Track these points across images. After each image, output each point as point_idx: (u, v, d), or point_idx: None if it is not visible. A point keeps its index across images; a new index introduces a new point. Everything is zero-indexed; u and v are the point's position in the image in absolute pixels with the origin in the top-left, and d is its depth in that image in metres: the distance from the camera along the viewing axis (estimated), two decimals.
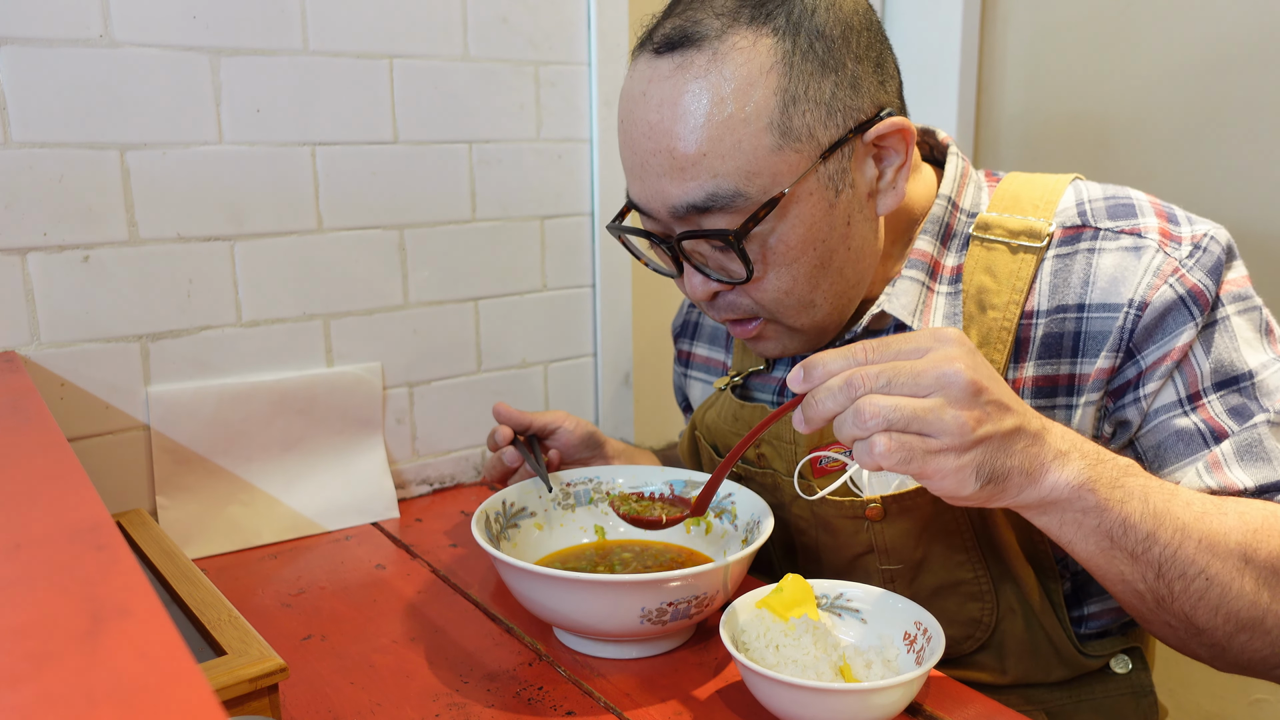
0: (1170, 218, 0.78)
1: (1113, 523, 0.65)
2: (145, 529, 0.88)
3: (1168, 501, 0.66)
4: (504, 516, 0.87)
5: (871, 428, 0.60)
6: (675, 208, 0.76)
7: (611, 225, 0.85)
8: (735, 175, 0.73)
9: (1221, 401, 0.74)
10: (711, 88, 0.72)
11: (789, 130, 0.73)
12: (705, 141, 0.73)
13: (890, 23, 1.67)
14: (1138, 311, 0.74)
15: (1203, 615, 0.67)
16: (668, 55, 0.75)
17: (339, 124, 1.06)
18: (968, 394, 0.60)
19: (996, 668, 0.83)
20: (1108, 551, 0.66)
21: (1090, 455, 0.65)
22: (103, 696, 0.31)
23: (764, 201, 0.74)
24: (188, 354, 1.01)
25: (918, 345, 0.62)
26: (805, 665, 0.65)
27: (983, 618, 0.82)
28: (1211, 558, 0.66)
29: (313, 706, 0.71)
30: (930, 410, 0.60)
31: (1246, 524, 0.67)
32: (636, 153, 0.77)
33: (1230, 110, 1.32)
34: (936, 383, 0.60)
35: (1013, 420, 0.62)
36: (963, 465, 0.61)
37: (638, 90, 0.76)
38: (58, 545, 0.44)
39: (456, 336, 1.20)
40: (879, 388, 0.61)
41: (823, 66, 0.74)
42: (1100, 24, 1.45)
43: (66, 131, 0.91)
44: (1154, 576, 0.66)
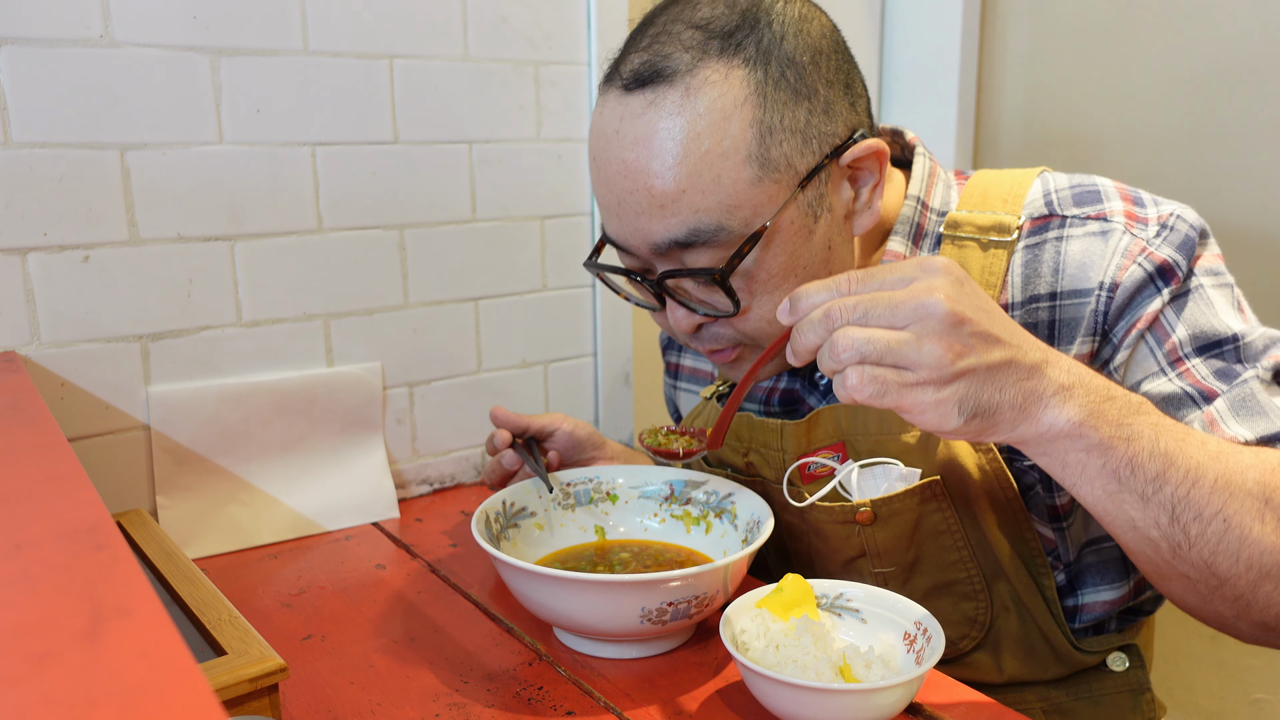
0: (1136, 200, 0.78)
1: (1119, 462, 0.61)
2: (145, 529, 0.88)
3: (1180, 441, 0.62)
4: (504, 516, 0.87)
5: (845, 360, 0.58)
6: (657, 244, 0.75)
7: (589, 263, 0.84)
8: (717, 210, 0.72)
9: (1206, 365, 0.72)
10: (687, 124, 0.71)
11: (767, 161, 0.72)
12: (684, 178, 0.72)
13: (890, 23, 1.67)
14: (1109, 294, 0.74)
15: (1223, 562, 0.63)
16: (638, 92, 0.73)
17: (339, 124, 1.06)
18: (946, 325, 0.57)
19: (993, 666, 0.84)
20: (1115, 495, 0.63)
21: (1098, 391, 0.62)
22: (103, 696, 0.31)
23: (747, 235, 0.73)
24: (188, 354, 1.01)
25: (902, 275, 0.60)
26: (805, 665, 0.65)
27: (977, 617, 0.82)
28: (1229, 498, 0.62)
29: (313, 706, 0.71)
30: (905, 342, 0.57)
31: (1264, 463, 0.64)
32: (613, 191, 0.76)
33: (1229, 111, 1.32)
34: (914, 314, 0.58)
35: (1002, 353, 0.59)
36: (943, 399, 0.58)
37: (610, 128, 0.75)
38: (58, 545, 0.44)
39: (456, 336, 1.20)
40: (855, 319, 0.59)
41: (795, 94, 0.73)
42: (1100, 25, 1.45)
43: (66, 131, 0.91)
44: (1167, 520, 0.62)
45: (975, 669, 0.84)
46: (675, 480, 0.93)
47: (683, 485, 0.92)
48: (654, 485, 0.93)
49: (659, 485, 0.93)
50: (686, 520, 0.91)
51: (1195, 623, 1.44)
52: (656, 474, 0.94)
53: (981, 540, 0.80)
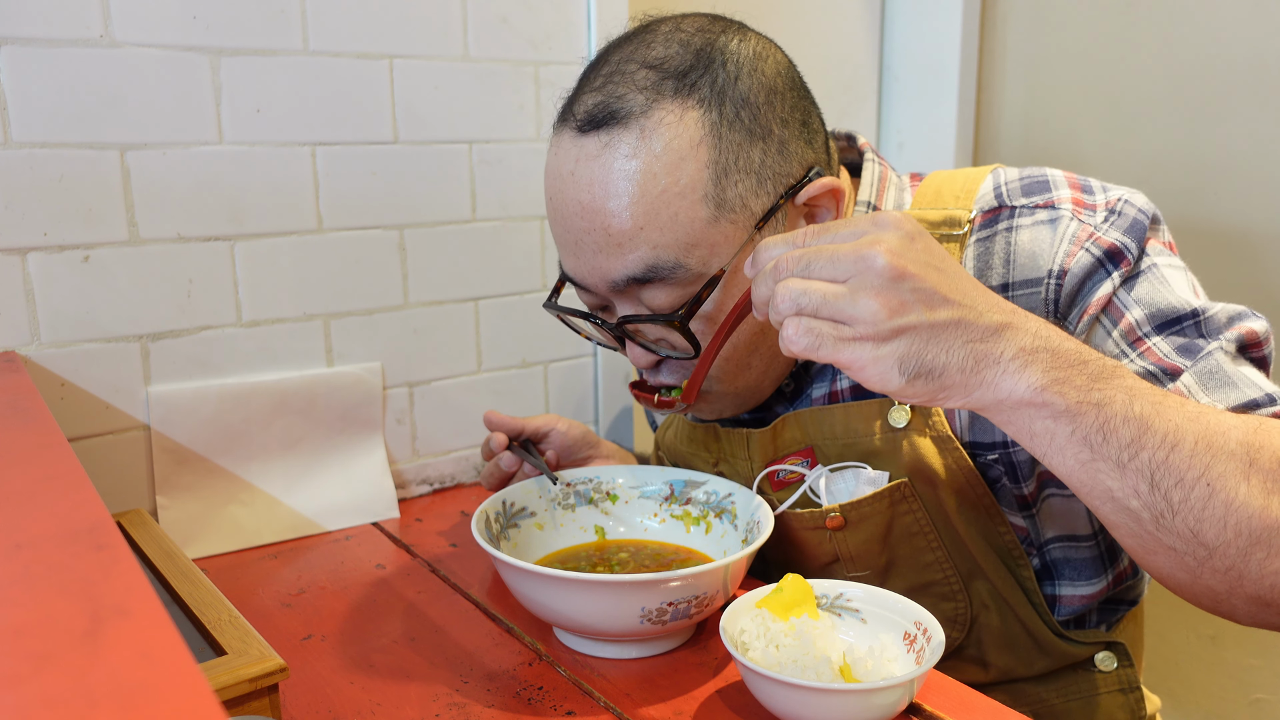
0: (1084, 188, 0.79)
1: (1089, 429, 0.58)
2: (145, 529, 0.88)
3: (1157, 404, 0.59)
4: (504, 516, 0.87)
5: (783, 311, 0.58)
6: (615, 282, 0.75)
7: (548, 304, 0.84)
8: (674, 247, 0.73)
9: (1167, 342, 0.71)
10: (643, 165, 0.72)
11: (723, 202, 0.73)
12: (641, 215, 0.72)
13: (890, 23, 1.67)
14: (1057, 281, 0.74)
15: (1210, 529, 0.58)
16: (593, 134, 0.73)
17: (339, 124, 1.06)
18: (885, 279, 0.55)
19: (978, 665, 0.84)
20: (1089, 464, 0.59)
21: (1066, 355, 0.58)
22: (103, 696, 0.31)
23: (705, 274, 0.74)
24: (188, 354, 1.01)
25: (855, 229, 0.59)
26: (805, 665, 0.65)
27: (957, 616, 0.82)
28: (1211, 460, 0.58)
29: (313, 706, 0.71)
30: (840, 295, 0.56)
31: (1245, 423, 0.60)
32: (570, 231, 0.76)
33: (1229, 110, 1.32)
34: (853, 266, 0.56)
35: (949, 311, 0.56)
36: (881, 356, 0.56)
37: (565, 169, 0.75)
38: (58, 545, 0.44)
39: (456, 336, 1.20)
40: (799, 271, 0.58)
41: (750, 135, 0.73)
42: (1100, 24, 1.45)
43: (66, 131, 0.91)
44: (1147, 488, 0.58)
45: (961, 669, 0.84)
46: (675, 480, 0.93)
47: (683, 485, 0.92)
48: (654, 485, 0.93)
49: (659, 485, 0.93)
50: (686, 520, 0.91)
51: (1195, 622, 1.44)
52: (656, 474, 0.94)
53: (955, 539, 0.80)
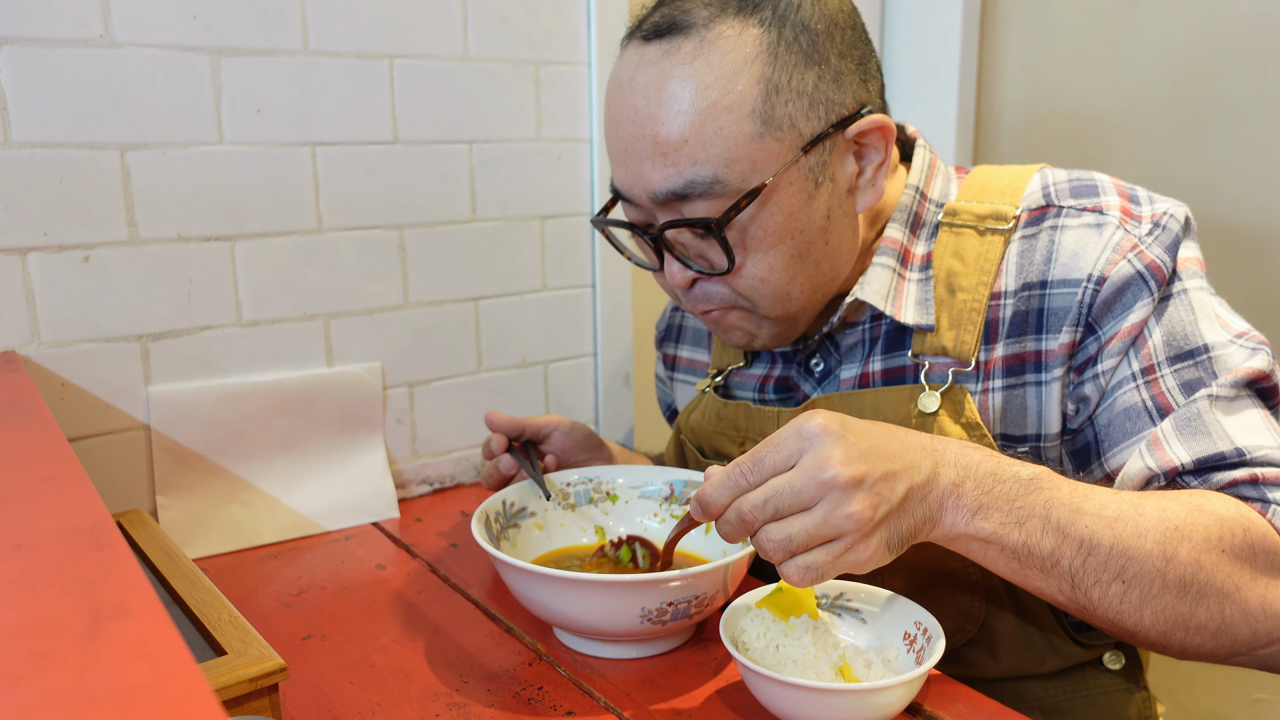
0: (1132, 197, 0.79)
1: (1015, 546, 0.64)
2: (145, 529, 0.88)
3: (1074, 512, 0.65)
4: (504, 516, 0.87)
5: (778, 559, 0.61)
6: (656, 193, 0.76)
7: (595, 218, 0.86)
8: (715, 162, 0.74)
9: (1175, 375, 0.73)
10: (696, 74, 0.74)
11: (770, 119, 0.74)
12: (688, 128, 0.74)
13: (890, 23, 1.67)
14: (1096, 286, 0.75)
15: (1128, 619, 0.66)
16: (655, 42, 0.76)
17: (339, 124, 1.06)
18: (850, 489, 0.59)
19: (989, 660, 0.84)
20: (1018, 571, 0.66)
21: (985, 479, 0.64)
22: (103, 696, 0.31)
23: (745, 190, 0.75)
24: (188, 354, 1.01)
25: (788, 452, 0.61)
26: (805, 665, 0.65)
27: (972, 609, 0.82)
28: (1126, 563, 0.65)
29: (313, 706, 0.71)
30: (821, 524, 0.60)
31: (1166, 522, 0.66)
32: (621, 138, 0.78)
33: (1228, 109, 1.32)
34: (818, 492, 0.60)
35: (902, 485, 0.61)
36: (872, 546, 0.61)
37: (625, 76, 0.78)
38: (58, 545, 0.44)
39: (456, 336, 1.20)
40: (768, 517, 0.61)
41: (806, 59, 0.75)
42: (1099, 23, 1.45)
43: (66, 131, 0.91)
44: (1069, 587, 0.66)
45: (971, 664, 0.84)
46: (675, 480, 0.93)
47: (683, 485, 0.92)
48: (654, 485, 0.93)
49: (659, 485, 0.93)
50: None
51: None
52: (656, 474, 0.94)
53: None
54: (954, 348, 0.79)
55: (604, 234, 0.87)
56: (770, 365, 0.93)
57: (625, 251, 0.88)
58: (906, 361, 0.82)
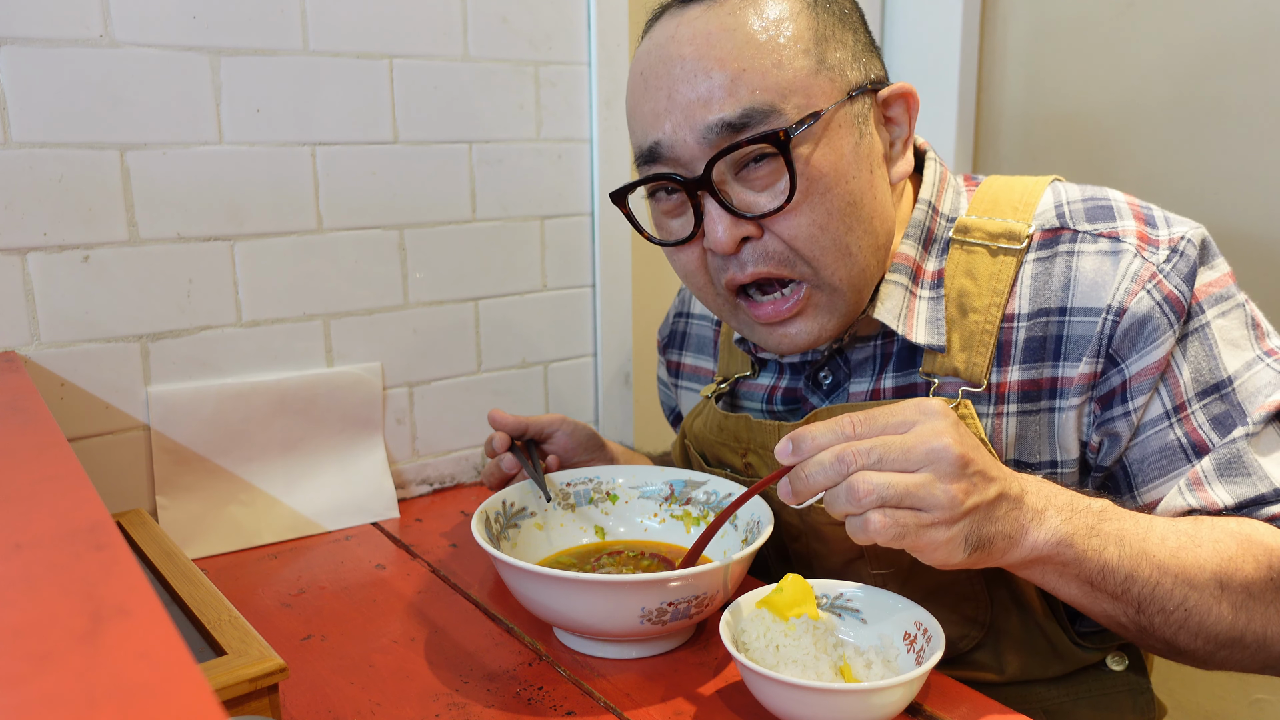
0: (1148, 220, 0.78)
1: (1091, 570, 0.67)
2: (145, 529, 0.88)
3: (1143, 541, 0.68)
4: (504, 516, 0.87)
5: (866, 504, 0.61)
6: (710, 126, 0.73)
7: (616, 191, 0.82)
8: (772, 91, 0.73)
9: (1205, 411, 0.74)
10: (748, 18, 0.74)
11: (824, 59, 0.75)
12: (746, 58, 0.74)
13: (890, 23, 1.67)
14: (1115, 317, 0.74)
15: (1183, 639, 0.70)
16: (695, 4, 0.76)
17: (339, 124, 1.06)
18: (956, 468, 0.61)
19: (994, 666, 0.84)
20: (1089, 594, 0.69)
21: (1066, 509, 0.67)
22: (103, 696, 0.31)
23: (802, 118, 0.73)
24: (188, 354, 1.01)
25: (904, 419, 0.63)
26: (805, 665, 0.65)
27: (977, 617, 0.82)
28: (1189, 590, 0.68)
29: (313, 706, 0.71)
30: (922, 486, 0.61)
31: (1220, 553, 0.69)
32: (664, 89, 0.75)
33: (1228, 110, 1.32)
34: (926, 458, 0.61)
35: (996, 488, 0.63)
36: (952, 537, 0.62)
37: (665, 36, 0.77)
38: (58, 545, 0.44)
39: (456, 336, 1.20)
40: (870, 464, 0.62)
41: (842, 21, 0.77)
42: (1100, 24, 1.45)
43: (66, 131, 0.91)
44: (1135, 612, 0.69)
45: (976, 669, 0.84)
46: (675, 480, 0.93)
47: (683, 485, 0.92)
48: (654, 485, 0.93)
49: (659, 485, 0.93)
50: (686, 520, 0.91)
51: None
52: (656, 474, 0.94)
53: None
54: (965, 369, 0.78)
55: (623, 209, 0.83)
56: (778, 376, 0.93)
57: (645, 231, 0.83)
58: (918, 379, 0.82)
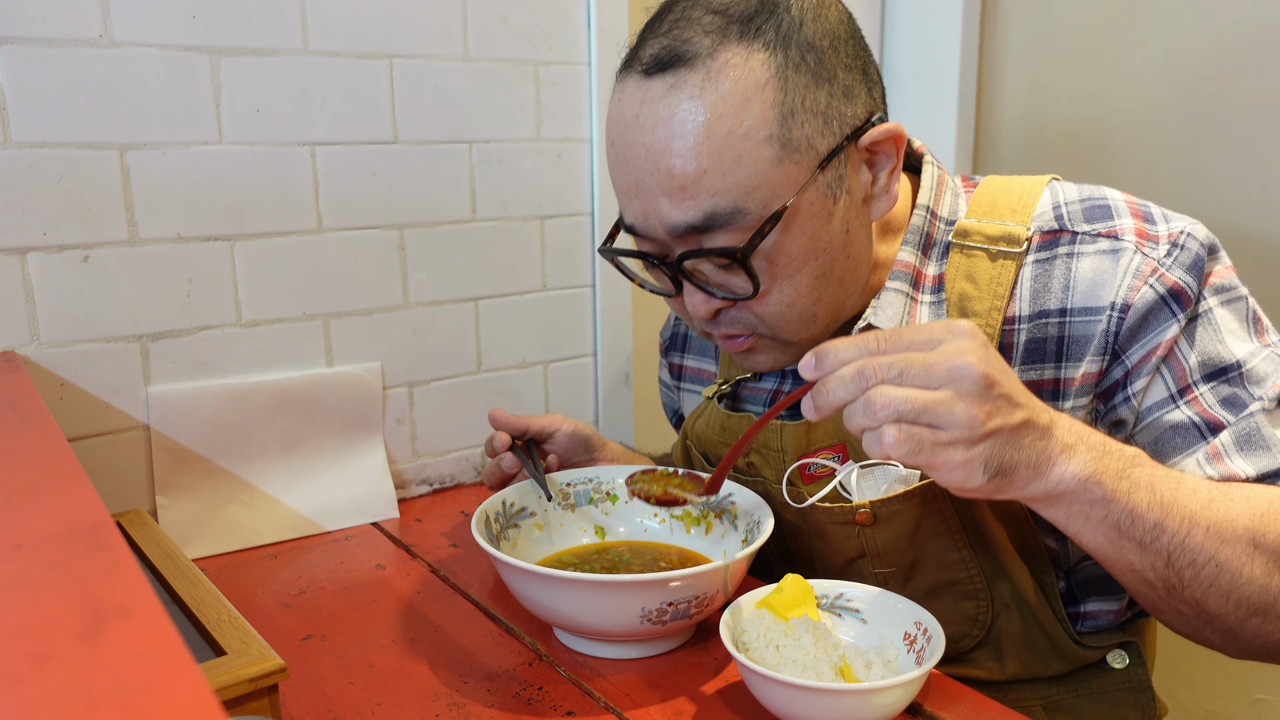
0: (1146, 217, 0.78)
1: (1120, 513, 0.65)
2: (145, 529, 0.88)
3: (1175, 490, 0.66)
4: (504, 517, 0.87)
5: (882, 418, 0.60)
6: (674, 227, 0.75)
7: (603, 248, 0.84)
8: (735, 191, 0.72)
9: (1213, 393, 0.74)
10: (708, 106, 0.72)
11: (789, 142, 0.73)
12: (705, 158, 0.72)
13: (890, 23, 1.67)
14: (1120, 314, 0.74)
15: (1214, 601, 0.67)
16: (659, 76, 0.73)
17: (339, 124, 1.06)
18: (979, 387, 0.59)
19: (994, 664, 0.84)
20: (1116, 542, 0.66)
21: (1097, 447, 0.65)
22: (103, 696, 0.31)
23: (766, 216, 0.73)
24: (188, 354, 1.01)
25: (930, 337, 0.62)
26: (805, 665, 0.65)
27: (978, 615, 0.82)
28: (1220, 544, 0.66)
29: (313, 706, 0.71)
30: (941, 403, 0.59)
31: (1253, 509, 0.67)
32: (631, 174, 0.76)
33: (1230, 112, 1.32)
34: (948, 375, 0.60)
35: (1022, 414, 0.62)
36: (971, 458, 0.60)
37: (629, 113, 0.75)
38: (58, 545, 0.44)
39: (456, 336, 1.20)
40: (891, 379, 0.61)
41: (815, 78, 0.74)
42: (1100, 25, 1.45)
43: (66, 131, 0.91)
44: (1163, 565, 0.66)
45: (977, 667, 0.84)
46: None
47: None
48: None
49: None
50: (686, 520, 0.91)
51: None
52: None
53: (982, 540, 0.80)
54: None
55: (613, 263, 0.85)
56: (780, 380, 0.93)
57: (636, 279, 0.85)
58: None
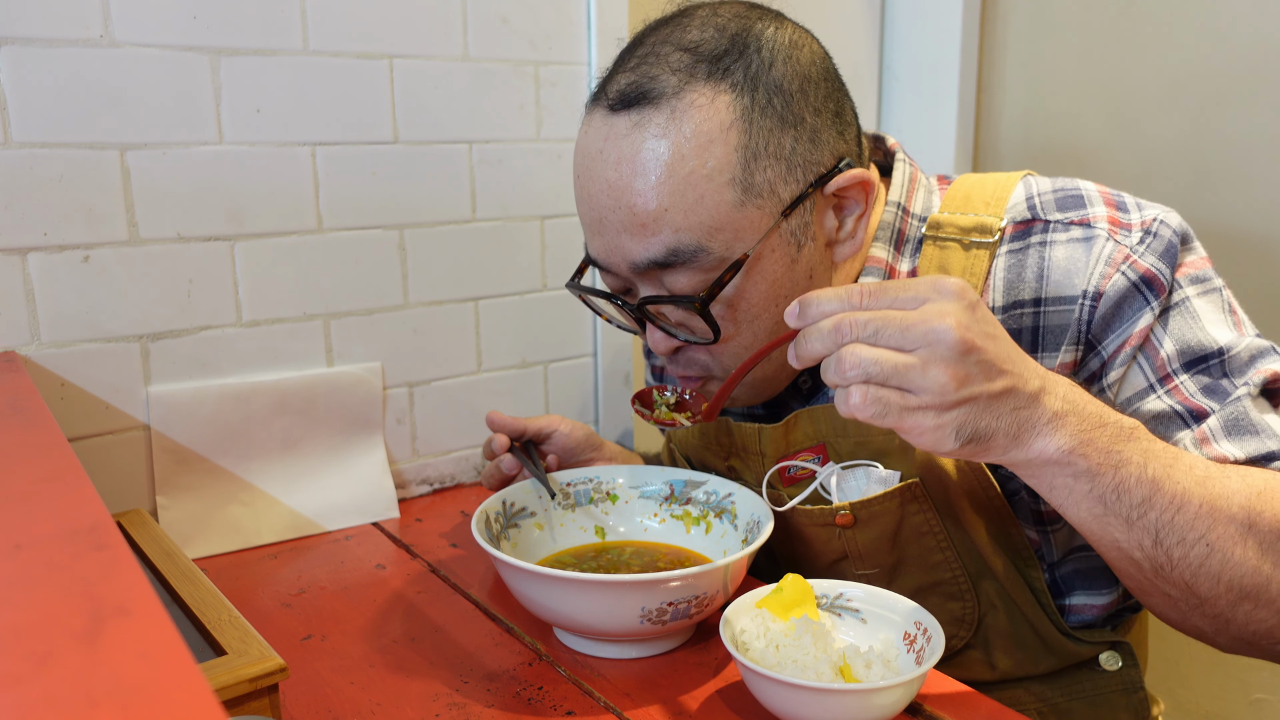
0: (1119, 205, 0.78)
1: (1105, 488, 0.63)
2: (145, 529, 0.88)
3: (1169, 467, 0.64)
4: (504, 516, 0.87)
5: (850, 378, 0.59)
6: (636, 264, 0.75)
7: (570, 284, 0.84)
8: (697, 230, 0.72)
9: (1194, 381, 0.73)
10: (671, 145, 0.72)
11: (750, 186, 0.72)
12: (666, 196, 0.72)
13: (890, 23, 1.67)
14: (1092, 302, 0.74)
15: (1204, 584, 0.65)
16: (624, 113, 0.74)
17: (339, 124, 1.06)
18: (955, 352, 0.57)
19: (985, 664, 0.84)
20: (1101, 518, 0.64)
21: (1090, 418, 0.63)
22: (103, 696, 0.31)
23: (729, 261, 0.73)
24: (188, 354, 1.01)
25: (915, 294, 0.60)
26: (805, 665, 0.65)
27: (965, 615, 0.82)
28: (1213, 523, 0.63)
29: (313, 706, 0.71)
30: (912, 367, 0.58)
31: (1250, 487, 0.65)
32: (595, 209, 0.76)
33: (1229, 112, 1.32)
34: (924, 338, 0.58)
35: (1004, 382, 0.59)
36: (942, 424, 0.59)
37: (594, 148, 0.76)
38: (58, 545, 0.44)
39: (456, 336, 1.20)
40: (865, 337, 0.59)
41: (782, 122, 0.73)
42: (1100, 25, 1.45)
43: (66, 131, 0.91)
44: (1151, 543, 0.64)
45: (967, 668, 0.84)
46: (675, 480, 0.93)
47: (683, 485, 0.92)
48: (654, 485, 0.93)
49: (659, 485, 0.93)
50: (686, 520, 0.91)
51: None
52: (656, 474, 0.94)
53: (965, 539, 0.80)
54: None
55: (581, 299, 0.85)
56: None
57: (603, 314, 0.86)
58: None
